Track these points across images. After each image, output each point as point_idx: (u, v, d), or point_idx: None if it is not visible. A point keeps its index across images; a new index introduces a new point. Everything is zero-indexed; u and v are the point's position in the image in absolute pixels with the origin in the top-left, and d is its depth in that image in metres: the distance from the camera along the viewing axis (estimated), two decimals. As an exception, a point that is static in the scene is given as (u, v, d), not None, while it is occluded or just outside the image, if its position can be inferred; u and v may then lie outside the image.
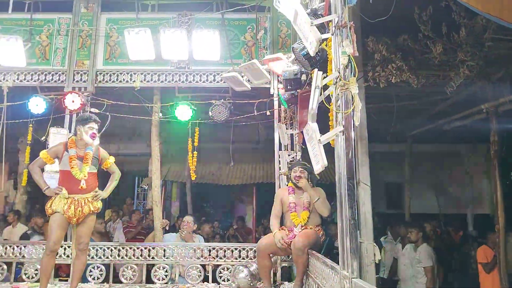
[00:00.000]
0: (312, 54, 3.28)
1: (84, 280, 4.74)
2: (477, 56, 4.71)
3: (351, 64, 2.79)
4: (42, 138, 5.25)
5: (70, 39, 5.63)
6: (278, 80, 5.15)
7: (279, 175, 5.11)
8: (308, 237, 3.96)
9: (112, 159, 4.20)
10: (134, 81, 5.46)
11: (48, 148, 4.34)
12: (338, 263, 2.61)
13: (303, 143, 4.65)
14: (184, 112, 5.47)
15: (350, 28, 2.86)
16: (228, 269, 4.85)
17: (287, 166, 4.96)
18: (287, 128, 5.19)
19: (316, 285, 3.36)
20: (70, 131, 5.10)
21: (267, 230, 4.45)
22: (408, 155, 9.33)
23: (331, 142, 2.85)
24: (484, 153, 9.43)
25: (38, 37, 5.68)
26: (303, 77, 4.47)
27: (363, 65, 4.88)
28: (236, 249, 4.93)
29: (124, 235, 6.38)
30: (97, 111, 5.21)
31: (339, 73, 2.76)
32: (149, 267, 4.97)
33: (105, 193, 4.08)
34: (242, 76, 5.07)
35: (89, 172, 3.98)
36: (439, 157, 10.16)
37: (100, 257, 4.90)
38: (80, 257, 3.98)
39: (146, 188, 8.35)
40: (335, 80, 2.88)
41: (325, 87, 3.11)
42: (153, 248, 4.96)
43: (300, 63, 3.89)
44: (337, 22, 2.87)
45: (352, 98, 2.63)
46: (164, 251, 4.94)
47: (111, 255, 4.91)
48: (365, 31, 4.65)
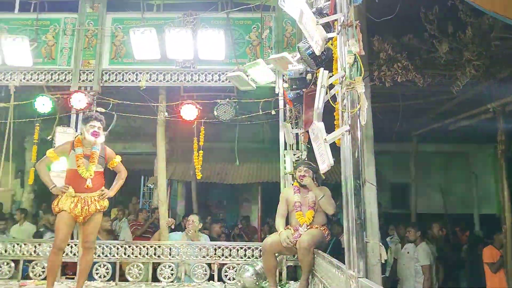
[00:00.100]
0: (318, 53, 3.28)
1: (91, 278, 4.77)
2: (484, 56, 4.68)
3: (357, 63, 2.79)
4: (49, 137, 5.28)
5: (76, 39, 5.66)
6: (283, 80, 5.15)
7: (284, 175, 5.11)
8: (314, 237, 3.96)
9: (119, 158, 4.21)
10: (140, 81, 5.48)
11: (55, 147, 4.36)
12: (344, 263, 2.61)
13: (309, 143, 4.65)
14: (190, 112, 5.48)
15: (356, 27, 2.86)
16: (234, 268, 4.86)
17: (293, 166, 4.96)
18: (293, 128, 5.19)
19: (322, 285, 3.35)
20: (77, 130, 5.13)
21: (273, 230, 4.45)
22: (414, 155, 9.30)
23: (337, 142, 2.84)
24: (491, 153, 9.39)
25: (44, 37, 5.71)
26: (309, 76, 4.46)
27: (369, 64, 4.87)
28: (242, 248, 4.94)
29: (132, 233, 6.41)
30: (103, 111, 5.23)
31: (345, 72, 2.76)
32: (155, 266, 4.99)
33: (112, 192, 4.10)
34: (247, 76, 5.07)
35: (96, 171, 3.99)
36: (445, 157, 10.12)
37: (107, 255, 4.93)
38: (87, 255, 4.00)
39: (152, 187, 8.38)
40: (341, 79, 2.87)
41: (331, 86, 3.11)
42: (159, 247, 4.98)
43: (306, 62, 3.88)
44: (343, 21, 2.86)
45: (358, 97, 2.62)
46: (170, 250, 4.96)
47: (118, 253, 4.94)
48: (371, 30, 4.64)
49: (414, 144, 9.28)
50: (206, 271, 4.90)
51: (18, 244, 4.99)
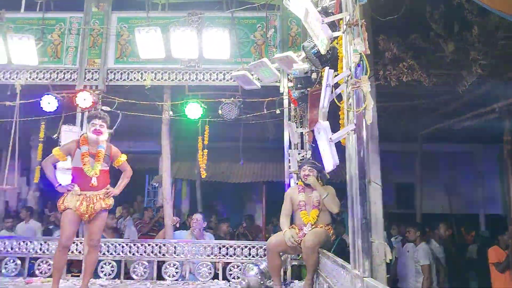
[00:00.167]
0: (323, 52, 3.27)
1: (96, 276, 4.79)
2: (490, 55, 4.65)
3: (363, 62, 2.78)
4: (54, 136, 5.30)
5: (82, 38, 5.67)
6: (288, 79, 5.14)
7: (289, 174, 5.10)
8: (318, 236, 3.96)
9: (124, 157, 4.22)
10: (145, 80, 5.49)
11: (61, 145, 4.38)
12: (349, 262, 2.60)
13: (313, 142, 4.64)
14: (194, 111, 5.49)
15: (362, 26, 2.85)
16: (238, 267, 4.87)
17: (297, 165, 4.95)
18: (297, 127, 5.18)
19: (327, 284, 3.35)
20: (82, 129, 5.15)
21: (277, 229, 4.45)
22: (419, 155, 9.26)
23: (342, 141, 2.84)
24: (497, 153, 9.33)
25: (50, 36, 5.73)
26: (314, 76, 4.45)
27: (374, 64, 4.84)
28: (246, 247, 4.94)
29: (138, 231, 6.44)
30: (108, 109, 5.25)
31: (351, 71, 2.75)
32: (160, 264, 5.00)
33: (117, 190, 4.11)
34: (252, 75, 5.06)
35: (101, 169, 4.00)
36: (451, 157, 10.07)
37: (112, 253, 4.95)
38: (92, 253, 4.02)
39: (157, 186, 8.40)
40: (346, 78, 2.86)
41: (336, 85, 3.10)
42: (164, 245, 5.00)
43: (311, 61, 3.88)
44: (349, 20, 2.85)
45: (364, 97, 2.61)
46: (175, 248, 4.97)
47: (123, 252, 4.96)
48: (376, 30, 4.62)
49: (420, 144, 9.24)
50: (211, 270, 4.91)
51: (24, 242, 5.02)
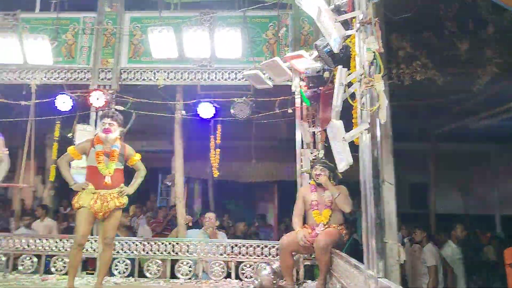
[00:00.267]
0: (336, 51, 3.25)
1: (110, 274, 4.84)
2: (505, 53, 4.57)
3: (376, 61, 2.75)
4: (69, 135, 5.37)
5: (95, 38, 5.72)
6: (300, 78, 5.12)
7: (301, 173, 5.08)
8: (331, 236, 3.94)
9: (138, 157, 4.24)
10: (158, 79, 5.53)
11: (76, 144, 4.42)
12: (362, 262, 2.58)
13: (326, 141, 4.61)
14: (206, 110, 5.50)
15: (375, 24, 2.82)
16: (251, 266, 4.87)
17: (310, 165, 4.93)
18: (309, 126, 5.16)
19: (340, 284, 3.33)
20: (96, 128, 5.20)
21: (289, 228, 4.44)
22: (433, 154, 9.13)
23: (355, 140, 2.82)
24: (513, 153, 9.17)
25: (64, 36, 5.79)
26: (326, 75, 4.43)
27: (387, 62, 4.80)
28: (259, 247, 4.93)
29: (152, 230, 6.48)
30: (122, 109, 5.29)
31: (364, 70, 2.72)
32: (173, 262, 5.01)
33: (131, 189, 4.12)
34: (264, 74, 5.06)
35: (115, 169, 4.03)
36: (466, 157, 9.89)
37: (126, 252, 4.99)
38: (106, 251, 4.05)
39: (169, 185, 8.45)
40: (360, 77, 2.84)
41: (349, 84, 3.08)
42: (177, 244, 5.02)
43: (323, 60, 3.85)
44: (362, 19, 2.83)
45: (377, 96, 2.59)
46: (188, 247, 4.98)
47: (136, 250, 5.00)
48: (389, 28, 4.58)
49: (434, 144, 9.12)
50: (224, 269, 4.91)
51: (40, 240, 5.10)
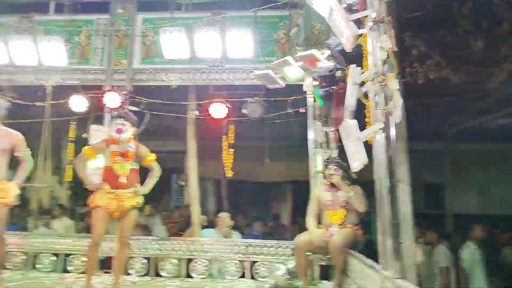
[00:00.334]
0: (348, 50, 3.24)
1: (127, 273, 4.89)
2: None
3: (390, 60, 2.74)
4: (84, 135, 5.45)
5: (108, 39, 5.78)
6: (312, 77, 5.10)
7: (314, 173, 5.07)
8: (346, 236, 3.93)
9: (153, 156, 4.26)
10: (171, 80, 5.57)
11: (91, 144, 4.48)
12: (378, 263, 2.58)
13: (340, 141, 4.59)
14: (219, 110, 5.52)
15: (388, 23, 2.81)
16: (266, 266, 4.87)
17: (323, 164, 4.91)
18: (322, 126, 5.14)
19: (356, 285, 3.33)
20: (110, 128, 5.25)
21: (303, 229, 4.44)
22: (449, 154, 9.01)
23: (369, 140, 2.81)
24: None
25: (78, 38, 5.86)
26: (338, 74, 4.40)
27: (400, 61, 4.75)
28: (273, 246, 4.94)
29: (168, 231, 6.53)
30: (136, 109, 5.34)
31: (377, 69, 2.71)
32: (188, 262, 5.05)
33: (145, 189, 4.15)
34: (275, 73, 5.05)
35: (131, 168, 4.06)
36: (483, 156, 9.72)
37: (142, 251, 5.04)
38: (123, 251, 4.09)
39: (183, 185, 8.51)
40: (373, 76, 2.83)
41: (361, 83, 3.07)
42: (192, 243, 5.05)
43: (335, 59, 3.85)
44: (375, 17, 2.82)
45: (392, 95, 2.57)
46: (203, 246, 5.02)
47: (152, 249, 5.04)
48: (402, 26, 4.54)
49: (449, 143, 8.98)
50: (238, 268, 4.93)
51: (58, 238, 5.18)
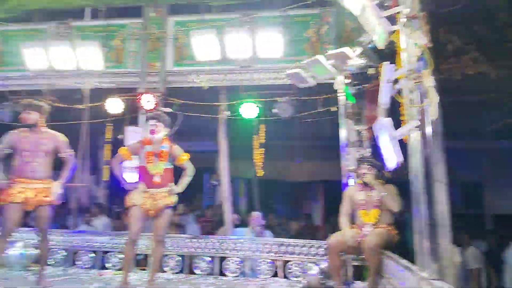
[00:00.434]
0: (381, 47, 3.20)
1: (162, 270, 4.99)
2: None
3: (424, 56, 2.69)
4: (119, 136, 5.61)
5: (142, 43, 5.92)
6: (344, 75, 5.05)
7: (347, 173, 5.02)
8: (380, 236, 3.87)
9: (186, 156, 4.33)
10: (202, 81, 5.65)
11: (127, 145, 4.60)
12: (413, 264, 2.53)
13: (373, 139, 4.53)
14: (249, 110, 5.56)
15: (422, 18, 2.76)
16: (298, 265, 4.87)
17: (356, 163, 4.86)
18: (354, 124, 5.08)
19: (391, 286, 3.28)
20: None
21: (336, 228, 4.41)
22: (488, 152, 8.67)
23: (404, 138, 2.76)
24: None
25: (113, 42, 6.04)
26: (371, 71, 4.35)
27: (435, 57, 4.63)
28: (305, 246, 4.93)
29: (201, 229, 6.65)
30: (169, 110, 5.45)
31: (411, 66, 2.67)
32: (221, 260, 5.10)
33: (179, 188, 4.22)
34: (306, 72, 5.03)
35: (164, 168, 4.15)
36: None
37: (176, 249, 5.15)
38: (158, 248, 4.17)
39: (215, 184, 8.62)
40: (407, 73, 2.78)
41: (395, 81, 3.03)
42: (225, 241, 5.12)
43: (368, 57, 3.81)
44: (408, 13, 2.78)
45: (427, 92, 2.53)
46: (235, 245, 5.06)
47: (186, 247, 5.14)
48: (436, 22, 4.42)
49: (488, 141, 8.64)
50: (271, 267, 4.95)
51: (97, 236, 5.37)
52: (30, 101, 4.22)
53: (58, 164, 4.25)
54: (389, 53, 3.31)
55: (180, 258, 5.13)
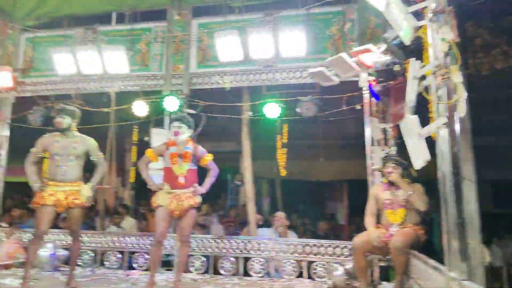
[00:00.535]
0: (407, 43, 3.13)
1: (187, 271, 5.05)
2: None
3: (452, 52, 2.62)
4: (146, 138, 5.71)
5: (166, 46, 5.99)
6: (368, 73, 4.98)
7: (372, 172, 4.95)
8: (407, 236, 3.78)
9: (210, 157, 4.36)
10: (225, 82, 5.68)
11: (153, 147, 4.67)
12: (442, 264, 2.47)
13: (399, 137, 4.45)
14: (272, 110, 5.54)
15: (449, 13, 2.69)
16: (323, 266, 4.83)
17: (381, 162, 4.78)
18: (380, 122, 4.99)
19: (418, 286, 3.20)
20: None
21: (361, 228, 4.34)
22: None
23: (432, 136, 2.69)
24: None
25: (138, 45, 6.14)
26: (396, 68, 4.26)
27: (463, 52, 4.50)
28: (330, 246, 4.89)
29: (225, 230, 6.69)
30: (193, 112, 5.50)
31: (439, 62, 2.60)
32: (246, 260, 5.12)
33: (203, 189, 4.25)
34: (329, 71, 4.98)
35: (189, 169, 4.19)
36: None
37: (201, 249, 5.19)
38: (183, 249, 4.21)
39: (239, 184, 8.65)
40: (434, 69, 2.71)
41: (422, 77, 2.96)
42: (249, 242, 5.13)
43: (393, 53, 3.73)
44: (434, 8, 2.71)
45: (455, 88, 2.46)
46: (259, 245, 5.07)
47: (211, 247, 5.18)
48: (463, 16, 4.29)
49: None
50: (295, 268, 4.93)
51: (123, 237, 5.48)
52: (63, 106, 4.34)
53: (88, 167, 4.36)
54: (415, 49, 3.25)
55: (205, 259, 5.18)
